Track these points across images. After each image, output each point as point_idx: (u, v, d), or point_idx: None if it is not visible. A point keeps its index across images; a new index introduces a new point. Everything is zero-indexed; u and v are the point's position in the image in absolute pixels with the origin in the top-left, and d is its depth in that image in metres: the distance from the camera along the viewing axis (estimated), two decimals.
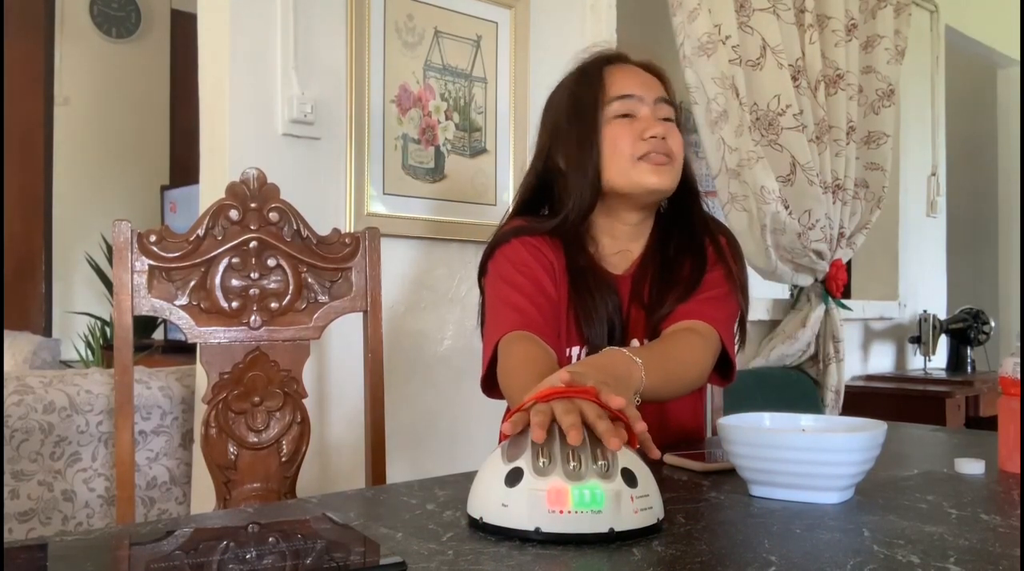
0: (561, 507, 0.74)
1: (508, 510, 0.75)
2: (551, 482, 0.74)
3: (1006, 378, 1.06)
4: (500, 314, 1.28)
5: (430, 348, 2.09)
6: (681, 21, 2.44)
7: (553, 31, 2.31)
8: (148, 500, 1.78)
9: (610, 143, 1.32)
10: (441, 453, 2.10)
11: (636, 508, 0.75)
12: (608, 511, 0.74)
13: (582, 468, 0.75)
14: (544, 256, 1.32)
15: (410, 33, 2.03)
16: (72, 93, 4.27)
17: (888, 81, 2.88)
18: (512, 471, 0.77)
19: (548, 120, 1.41)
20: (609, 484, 0.75)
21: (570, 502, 0.74)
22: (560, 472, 0.75)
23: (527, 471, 0.76)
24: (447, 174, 2.10)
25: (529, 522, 0.74)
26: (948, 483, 0.99)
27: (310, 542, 0.74)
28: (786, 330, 2.82)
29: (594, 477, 0.75)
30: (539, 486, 0.75)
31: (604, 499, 0.74)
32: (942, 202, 3.95)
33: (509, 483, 0.76)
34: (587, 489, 0.74)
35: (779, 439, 0.91)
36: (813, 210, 2.60)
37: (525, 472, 0.76)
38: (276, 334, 1.42)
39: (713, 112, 2.44)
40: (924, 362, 3.67)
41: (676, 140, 1.34)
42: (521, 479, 0.76)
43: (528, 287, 1.28)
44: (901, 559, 0.69)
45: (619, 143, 1.32)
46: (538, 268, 1.31)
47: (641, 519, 0.76)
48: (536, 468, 0.76)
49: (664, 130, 1.32)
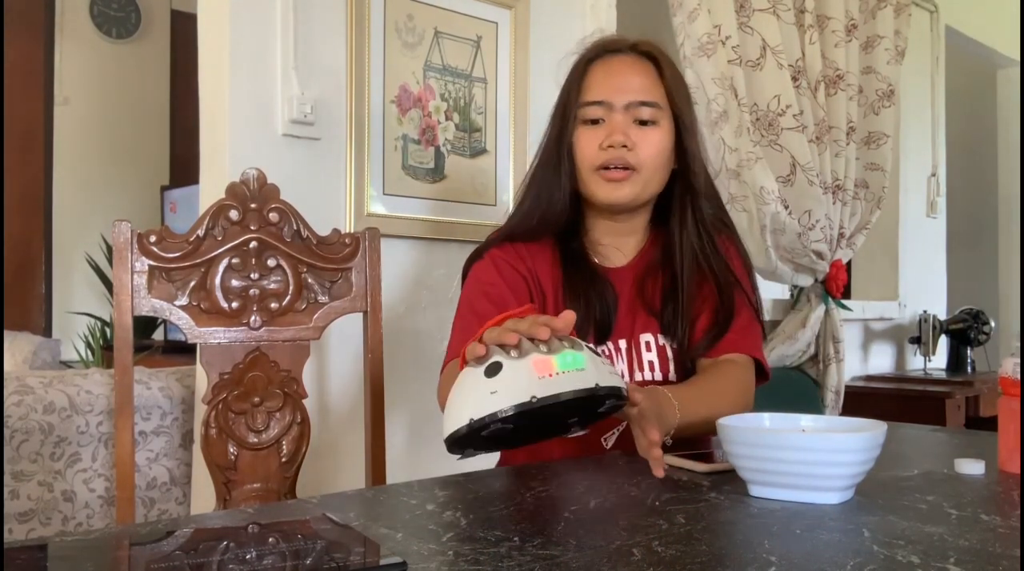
0: (549, 371, 0.80)
1: (497, 396, 0.80)
2: (532, 357, 0.81)
3: (1006, 378, 1.06)
4: (454, 339, 1.30)
5: (430, 348, 2.09)
6: (681, 21, 2.44)
7: (553, 31, 2.31)
8: (148, 500, 1.78)
9: (577, 149, 1.31)
10: (441, 453, 2.09)
11: (608, 370, 0.84)
12: (590, 369, 0.81)
13: (553, 344, 0.82)
14: (516, 271, 1.32)
15: (410, 33, 2.03)
16: (72, 93, 4.27)
17: (888, 81, 2.88)
18: (491, 365, 0.82)
19: None
20: (582, 351, 0.83)
21: (556, 365, 0.80)
22: (536, 352, 0.81)
23: (505, 361, 0.81)
24: (447, 174, 2.10)
25: (525, 393, 0.79)
26: (948, 483, 0.99)
27: (310, 542, 0.74)
28: (786, 330, 2.82)
29: (567, 347, 0.82)
30: (523, 364, 0.81)
31: (584, 360, 0.82)
32: (942, 202, 3.95)
33: (490, 374, 0.81)
34: (568, 355, 0.81)
35: (779, 439, 0.91)
36: (813, 210, 2.60)
37: (504, 362, 0.81)
38: (276, 334, 1.42)
39: (713, 112, 2.44)
40: (924, 362, 3.67)
41: (648, 147, 1.29)
42: (502, 368, 0.81)
43: (490, 312, 1.22)
44: (901, 559, 0.69)
45: (582, 151, 1.30)
46: (505, 289, 1.30)
47: (615, 380, 0.84)
48: (512, 356, 0.82)
49: (624, 138, 1.27)
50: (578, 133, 1.31)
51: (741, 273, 1.39)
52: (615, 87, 1.30)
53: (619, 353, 1.32)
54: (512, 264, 1.32)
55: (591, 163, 1.29)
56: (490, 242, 1.36)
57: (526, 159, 2.21)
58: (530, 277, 1.32)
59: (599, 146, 1.28)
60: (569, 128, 1.31)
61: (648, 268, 1.37)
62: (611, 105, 1.29)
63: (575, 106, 1.31)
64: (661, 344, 1.33)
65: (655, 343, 1.33)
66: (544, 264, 1.33)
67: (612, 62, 1.33)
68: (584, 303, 1.29)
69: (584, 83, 1.32)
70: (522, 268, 1.32)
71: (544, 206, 1.33)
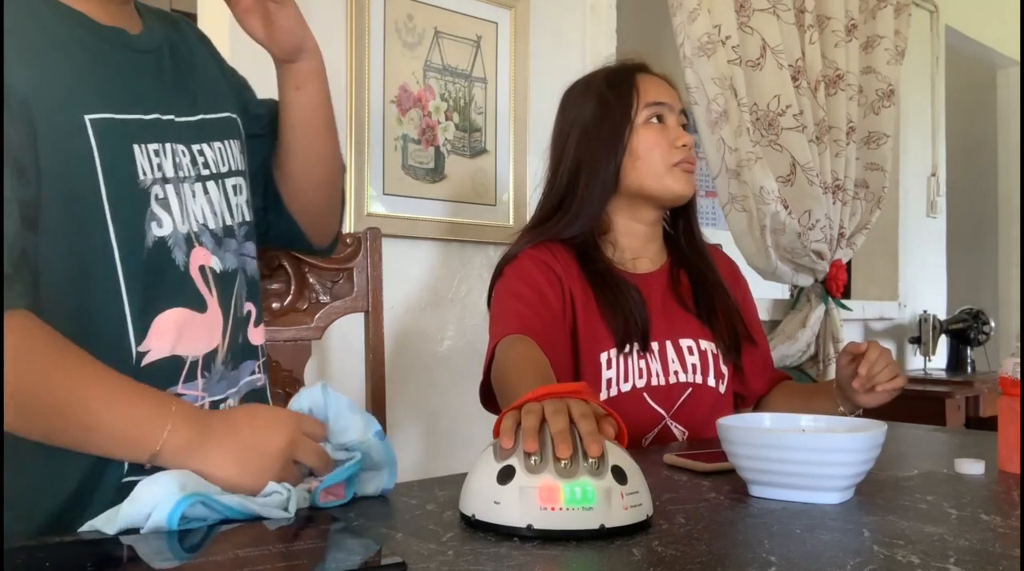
0: (553, 504, 0.74)
1: (500, 507, 0.76)
2: (543, 479, 0.75)
3: (1006, 378, 1.06)
4: (501, 321, 1.30)
5: (430, 348, 2.09)
6: (681, 21, 2.44)
7: (553, 31, 2.31)
8: None
9: (645, 147, 1.37)
10: (441, 453, 2.10)
11: (626, 505, 0.76)
12: (599, 508, 0.75)
13: (573, 465, 0.76)
14: (552, 270, 1.35)
15: (410, 33, 2.03)
16: None
17: (888, 81, 2.88)
18: (504, 469, 0.77)
19: (566, 123, 1.43)
20: (600, 481, 0.75)
21: (561, 499, 0.74)
22: (551, 470, 0.75)
23: (519, 469, 0.76)
24: (447, 174, 2.10)
25: (521, 519, 0.74)
26: (948, 483, 0.99)
27: (310, 542, 0.74)
28: (786, 330, 2.82)
29: (585, 474, 0.75)
30: (531, 483, 0.75)
31: (595, 496, 0.75)
32: (942, 202, 3.95)
33: (501, 481, 0.77)
34: (578, 486, 0.75)
35: (779, 439, 0.91)
36: (813, 210, 2.61)
37: (517, 470, 0.76)
38: (278, 334, 1.42)
39: (713, 112, 2.44)
40: (924, 362, 3.67)
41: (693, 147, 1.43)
42: (513, 477, 0.76)
43: (531, 297, 1.31)
44: (901, 559, 0.69)
45: (655, 148, 1.37)
46: (543, 282, 1.33)
47: (631, 515, 0.77)
48: (527, 466, 0.76)
49: (689, 140, 1.39)
50: (643, 131, 1.38)
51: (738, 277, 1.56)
52: (668, 92, 1.42)
53: (652, 356, 1.36)
54: (548, 263, 1.36)
55: (668, 160, 1.38)
56: (523, 244, 1.40)
57: (526, 159, 2.21)
58: (562, 281, 1.35)
59: (672, 144, 1.38)
60: (627, 128, 1.38)
61: (673, 271, 1.45)
62: (671, 106, 1.40)
63: (636, 108, 1.39)
64: (703, 348, 1.40)
65: (697, 347, 1.39)
66: (572, 272, 1.36)
67: (652, 75, 1.44)
68: (620, 312, 1.33)
69: (640, 87, 1.40)
70: (558, 268, 1.36)
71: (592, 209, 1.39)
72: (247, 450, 0.80)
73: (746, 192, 2.50)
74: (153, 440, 0.78)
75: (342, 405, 0.90)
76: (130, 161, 0.86)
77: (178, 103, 0.93)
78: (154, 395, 0.82)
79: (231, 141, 0.99)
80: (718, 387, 1.40)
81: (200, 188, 0.93)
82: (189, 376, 0.91)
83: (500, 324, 1.29)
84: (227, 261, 0.95)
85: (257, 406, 0.93)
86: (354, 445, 0.89)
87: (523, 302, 1.30)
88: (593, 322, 1.33)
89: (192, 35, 1.03)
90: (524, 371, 1.13)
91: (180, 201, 0.89)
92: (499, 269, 1.39)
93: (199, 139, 0.94)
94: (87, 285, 0.85)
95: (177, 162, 0.90)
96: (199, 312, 0.91)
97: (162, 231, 0.88)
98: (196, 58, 1.00)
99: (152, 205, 0.87)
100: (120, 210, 0.85)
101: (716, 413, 1.35)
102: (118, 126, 0.85)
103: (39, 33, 0.83)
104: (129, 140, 0.86)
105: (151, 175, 0.87)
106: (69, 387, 0.77)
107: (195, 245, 0.91)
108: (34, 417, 0.77)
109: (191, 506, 0.75)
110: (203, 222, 0.93)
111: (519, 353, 1.19)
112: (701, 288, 1.43)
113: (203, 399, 0.94)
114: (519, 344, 1.21)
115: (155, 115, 0.89)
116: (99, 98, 0.84)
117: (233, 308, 0.95)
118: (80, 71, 0.84)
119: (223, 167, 0.96)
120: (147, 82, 0.90)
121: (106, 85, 0.86)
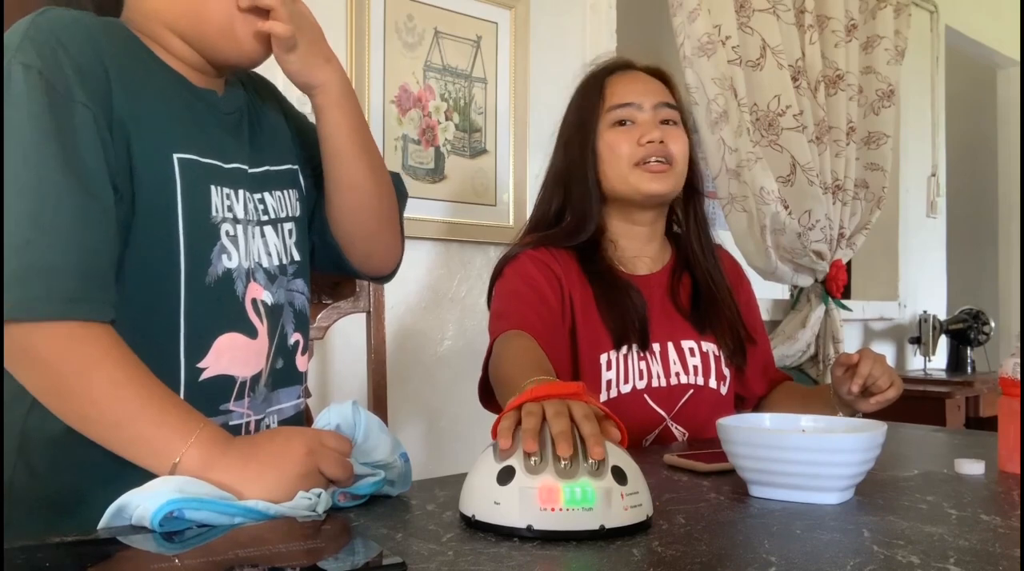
0: (552, 505, 0.74)
1: (500, 508, 0.76)
2: (542, 480, 0.75)
3: (1006, 378, 1.06)
4: (501, 319, 1.30)
5: (430, 348, 2.09)
6: (681, 21, 2.44)
7: (553, 31, 2.31)
8: None
9: (608, 149, 1.36)
10: (441, 453, 2.10)
11: (626, 505, 0.76)
12: (599, 508, 0.74)
13: (572, 466, 0.76)
14: (551, 271, 1.35)
15: (410, 33, 2.03)
16: None
17: (888, 81, 2.88)
18: (504, 469, 0.77)
19: (559, 134, 1.44)
20: (600, 482, 0.75)
21: (561, 500, 0.74)
22: (551, 470, 0.75)
23: (519, 469, 0.76)
24: (447, 175, 2.10)
25: (521, 520, 0.74)
26: (948, 483, 0.99)
27: (310, 542, 0.74)
28: (786, 331, 2.82)
29: (585, 475, 0.75)
30: (531, 484, 0.75)
31: (595, 497, 0.75)
32: (942, 202, 3.95)
33: (501, 481, 0.76)
34: (578, 487, 0.74)
35: (779, 439, 0.91)
36: (813, 210, 2.61)
37: (517, 470, 0.76)
38: None
39: (713, 113, 2.44)
40: (924, 362, 3.67)
41: (677, 143, 1.37)
42: (513, 477, 0.76)
43: (531, 297, 1.31)
44: (901, 559, 0.69)
45: (617, 149, 1.35)
46: (543, 282, 1.33)
47: (631, 516, 0.76)
48: (527, 467, 0.76)
49: (662, 134, 1.34)
50: (608, 134, 1.36)
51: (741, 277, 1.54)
52: (640, 90, 1.38)
53: (653, 357, 1.36)
54: (548, 264, 1.35)
55: (630, 160, 1.35)
56: (523, 245, 1.39)
57: (526, 159, 2.21)
58: (561, 282, 1.35)
59: (636, 143, 1.34)
60: (595, 133, 1.37)
61: (675, 273, 1.43)
62: (639, 106, 1.37)
63: (600, 112, 1.37)
64: (705, 350, 1.39)
65: (699, 349, 1.39)
66: (571, 274, 1.36)
67: (628, 74, 1.41)
68: (620, 312, 1.33)
69: (606, 91, 1.38)
70: (557, 269, 1.35)
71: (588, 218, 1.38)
72: (268, 461, 0.83)
73: (746, 192, 2.50)
74: (175, 450, 0.81)
75: (372, 424, 0.94)
76: (206, 199, 0.96)
77: (250, 156, 1.04)
78: (187, 410, 0.85)
79: (290, 190, 1.09)
80: (719, 389, 1.39)
81: (259, 231, 1.03)
82: (239, 395, 0.99)
83: (499, 322, 1.29)
84: (277, 296, 1.04)
85: (277, 427, 1.02)
86: (382, 464, 0.92)
87: (523, 301, 1.30)
88: (593, 323, 1.33)
89: (265, 92, 1.14)
90: (521, 362, 1.13)
91: (245, 240, 1.00)
92: (499, 268, 1.39)
93: (263, 188, 1.05)
94: (149, 299, 0.92)
95: (244, 206, 1.01)
96: (251, 338, 1.00)
97: (230, 264, 0.97)
98: (267, 115, 1.11)
99: (222, 239, 0.97)
100: (192, 239, 0.94)
101: (717, 415, 1.34)
102: (200, 167, 0.96)
103: (145, 77, 0.95)
104: (208, 181, 0.96)
105: (222, 214, 0.97)
106: (113, 380, 0.82)
107: (251, 280, 1.00)
108: (72, 400, 0.83)
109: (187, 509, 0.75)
110: (258, 261, 1.02)
111: (517, 346, 1.19)
112: (706, 290, 1.42)
113: (249, 416, 1.00)
114: (517, 338, 1.21)
115: (233, 165, 1.00)
116: (187, 142, 0.95)
117: (279, 337, 1.04)
118: (175, 116, 0.96)
119: (281, 213, 1.07)
120: (227, 137, 1.02)
121: (194, 132, 0.97)
